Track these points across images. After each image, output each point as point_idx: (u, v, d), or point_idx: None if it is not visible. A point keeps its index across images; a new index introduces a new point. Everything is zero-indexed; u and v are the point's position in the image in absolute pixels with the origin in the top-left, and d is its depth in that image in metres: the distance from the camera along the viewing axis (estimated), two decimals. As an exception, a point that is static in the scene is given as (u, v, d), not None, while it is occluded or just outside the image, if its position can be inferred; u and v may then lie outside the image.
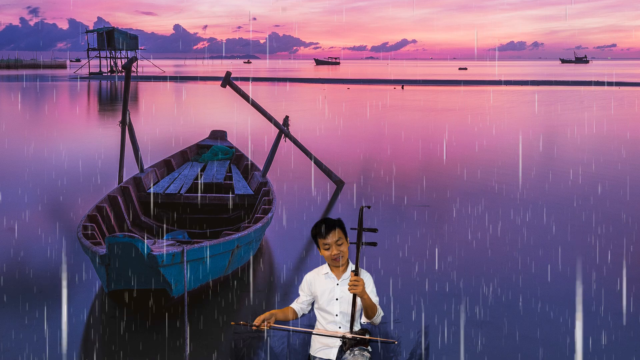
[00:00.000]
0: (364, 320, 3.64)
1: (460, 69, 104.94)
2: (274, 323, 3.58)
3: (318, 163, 10.41)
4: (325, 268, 3.73)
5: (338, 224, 3.59)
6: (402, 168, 12.01)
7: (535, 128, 19.29)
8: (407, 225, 8.02)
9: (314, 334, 3.65)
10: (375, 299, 3.60)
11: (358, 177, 11.08)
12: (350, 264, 3.72)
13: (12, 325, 5.00)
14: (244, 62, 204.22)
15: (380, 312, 3.63)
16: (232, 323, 3.64)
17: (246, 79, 52.52)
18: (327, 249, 3.57)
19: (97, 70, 74.01)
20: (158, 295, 4.86)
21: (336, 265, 3.64)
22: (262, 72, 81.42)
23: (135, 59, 8.77)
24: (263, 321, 3.52)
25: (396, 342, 3.59)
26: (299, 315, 3.80)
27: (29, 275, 6.11)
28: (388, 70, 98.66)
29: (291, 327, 3.67)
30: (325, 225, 3.56)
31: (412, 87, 45.02)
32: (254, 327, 3.51)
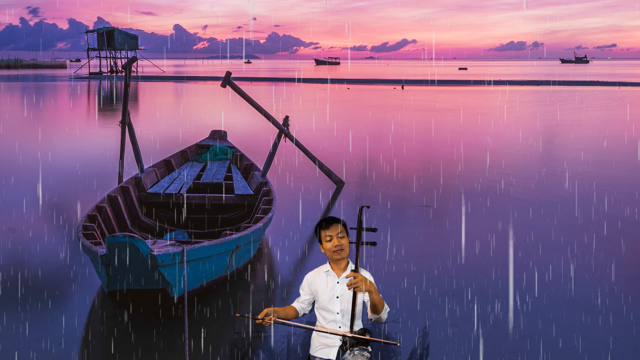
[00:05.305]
0: (370, 316, 3.63)
1: (460, 69, 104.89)
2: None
3: (318, 163, 10.41)
4: (326, 266, 3.74)
5: (340, 220, 3.71)
6: (402, 168, 12.01)
7: (536, 128, 19.29)
8: (407, 225, 8.02)
9: (315, 330, 3.64)
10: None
11: (358, 177, 11.08)
12: (351, 263, 3.74)
13: (12, 325, 5.00)
14: (244, 62, 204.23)
15: (387, 307, 3.64)
16: (237, 315, 3.67)
17: (246, 79, 52.53)
18: (329, 241, 3.63)
19: (97, 70, 74.02)
20: (158, 295, 4.86)
21: (337, 259, 3.66)
22: (262, 72, 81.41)
23: (135, 59, 8.77)
24: (266, 315, 3.53)
25: (398, 344, 3.58)
26: (300, 315, 3.80)
27: (29, 275, 6.11)
28: (388, 70, 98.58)
29: (293, 323, 3.65)
30: (329, 218, 3.71)
31: (412, 87, 45.03)
32: (257, 321, 3.51)
